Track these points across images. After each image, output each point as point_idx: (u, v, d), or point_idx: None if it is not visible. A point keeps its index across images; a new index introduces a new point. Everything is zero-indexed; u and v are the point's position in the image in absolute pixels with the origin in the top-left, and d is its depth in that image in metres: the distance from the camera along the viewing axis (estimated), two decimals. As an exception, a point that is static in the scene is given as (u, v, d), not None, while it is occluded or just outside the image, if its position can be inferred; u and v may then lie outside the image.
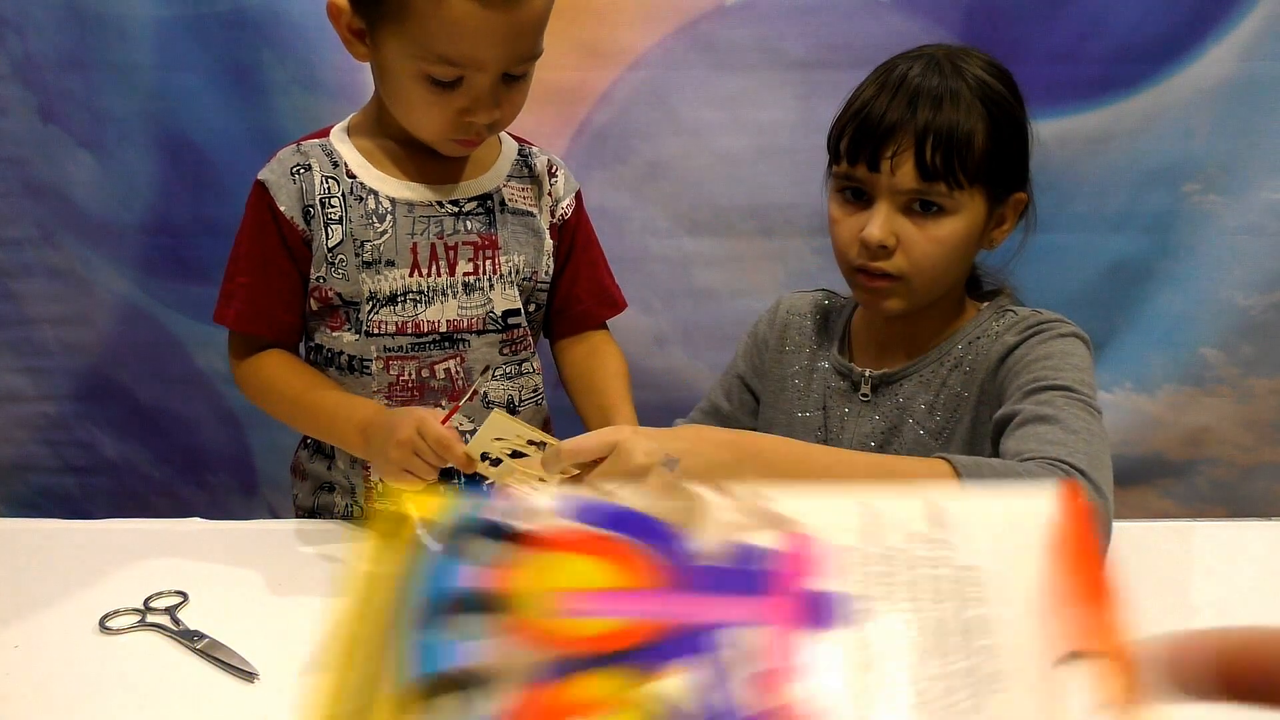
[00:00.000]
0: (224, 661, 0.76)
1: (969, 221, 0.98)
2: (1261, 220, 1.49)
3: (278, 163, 1.03)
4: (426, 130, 0.99)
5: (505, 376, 1.08)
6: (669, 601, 0.40)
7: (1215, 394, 1.56)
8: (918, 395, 1.04)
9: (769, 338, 1.19)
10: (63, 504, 1.78)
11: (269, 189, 1.01)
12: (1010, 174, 1.00)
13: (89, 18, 1.51)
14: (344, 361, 1.04)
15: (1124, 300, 1.53)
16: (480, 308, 1.05)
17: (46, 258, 1.65)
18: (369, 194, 1.02)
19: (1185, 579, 0.85)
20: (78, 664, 0.77)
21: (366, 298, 1.02)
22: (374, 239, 1.01)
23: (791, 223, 1.57)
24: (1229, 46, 1.44)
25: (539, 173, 1.11)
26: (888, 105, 0.97)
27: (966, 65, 0.98)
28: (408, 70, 0.93)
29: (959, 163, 0.95)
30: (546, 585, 0.40)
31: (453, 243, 1.03)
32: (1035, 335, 0.98)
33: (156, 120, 1.56)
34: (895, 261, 0.98)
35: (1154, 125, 1.48)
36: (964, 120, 0.95)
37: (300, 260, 1.02)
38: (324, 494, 1.10)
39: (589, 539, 0.42)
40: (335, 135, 1.05)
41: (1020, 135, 1.01)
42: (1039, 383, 0.92)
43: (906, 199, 0.97)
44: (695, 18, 1.50)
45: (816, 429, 1.10)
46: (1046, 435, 0.85)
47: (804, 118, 1.51)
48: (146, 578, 0.89)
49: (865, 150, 0.98)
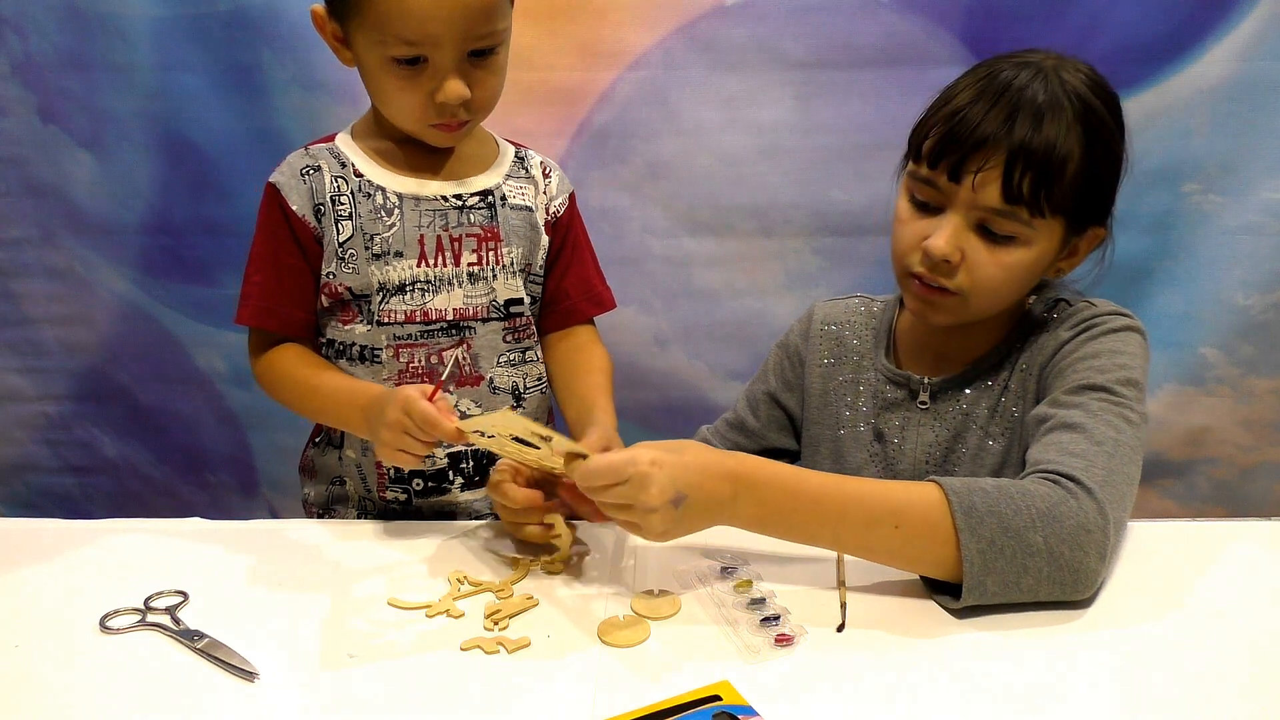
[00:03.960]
0: (224, 661, 0.76)
1: (1041, 251, 0.94)
2: (1261, 220, 1.49)
3: (287, 165, 1.07)
4: (406, 118, 1.02)
5: (509, 363, 1.11)
6: None
7: (1215, 394, 1.56)
8: (980, 400, 1.02)
9: (804, 351, 1.15)
10: (63, 504, 1.78)
11: (280, 190, 1.05)
12: (1096, 209, 0.96)
13: (89, 18, 1.51)
14: (355, 352, 1.07)
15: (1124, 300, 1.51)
16: (485, 296, 1.08)
17: (46, 258, 1.65)
18: (376, 190, 1.06)
19: (1185, 579, 0.85)
20: (78, 663, 0.77)
21: (377, 289, 1.05)
22: (383, 231, 1.05)
23: (791, 223, 1.57)
24: (1229, 46, 1.44)
25: (534, 172, 1.15)
26: (984, 115, 0.90)
27: (1072, 78, 0.92)
28: (376, 59, 0.98)
29: (1045, 191, 0.90)
30: None
31: (457, 234, 1.07)
32: (1088, 330, 0.96)
33: (156, 120, 1.56)
34: (956, 279, 0.94)
35: (1154, 125, 1.48)
36: (1061, 143, 0.89)
37: (312, 257, 1.06)
38: (336, 487, 1.12)
39: None
40: (340, 139, 1.10)
41: (1115, 168, 0.95)
42: (1080, 382, 0.90)
43: (982, 217, 0.92)
44: (695, 18, 1.50)
45: (870, 443, 1.07)
46: (1069, 445, 0.84)
47: (804, 118, 1.51)
48: (146, 578, 0.89)
49: (951, 158, 0.92)
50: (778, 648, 0.76)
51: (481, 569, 0.90)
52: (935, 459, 1.04)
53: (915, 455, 1.04)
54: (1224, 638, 0.76)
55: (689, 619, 0.81)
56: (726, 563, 0.88)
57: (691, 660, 0.75)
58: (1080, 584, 0.79)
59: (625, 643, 0.78)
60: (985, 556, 0.77)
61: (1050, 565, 0.78)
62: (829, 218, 1.55)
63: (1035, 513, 0.78)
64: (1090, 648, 0.75)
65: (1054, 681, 0.72)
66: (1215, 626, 0.78)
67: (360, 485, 1.10)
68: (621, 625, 0.80)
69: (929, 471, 1.04)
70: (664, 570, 0.89)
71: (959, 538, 0.77)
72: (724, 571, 0.87)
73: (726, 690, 0.70)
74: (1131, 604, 0.81)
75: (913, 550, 0.81)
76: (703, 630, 0.80)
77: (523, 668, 0.75)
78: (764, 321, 1.60)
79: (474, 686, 0.73)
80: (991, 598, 0.78)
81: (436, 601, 0.84)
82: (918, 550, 0.81)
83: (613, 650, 0.77)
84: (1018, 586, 0.78)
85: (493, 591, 0.86)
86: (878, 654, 0.75)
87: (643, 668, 0.75)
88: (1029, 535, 0.77)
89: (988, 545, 0.77)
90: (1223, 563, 0.88)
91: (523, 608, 0.83)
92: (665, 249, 1.60)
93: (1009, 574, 0.77)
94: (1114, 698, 0.70)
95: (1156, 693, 0.70)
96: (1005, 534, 0.77)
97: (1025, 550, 0.77)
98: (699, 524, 0.81)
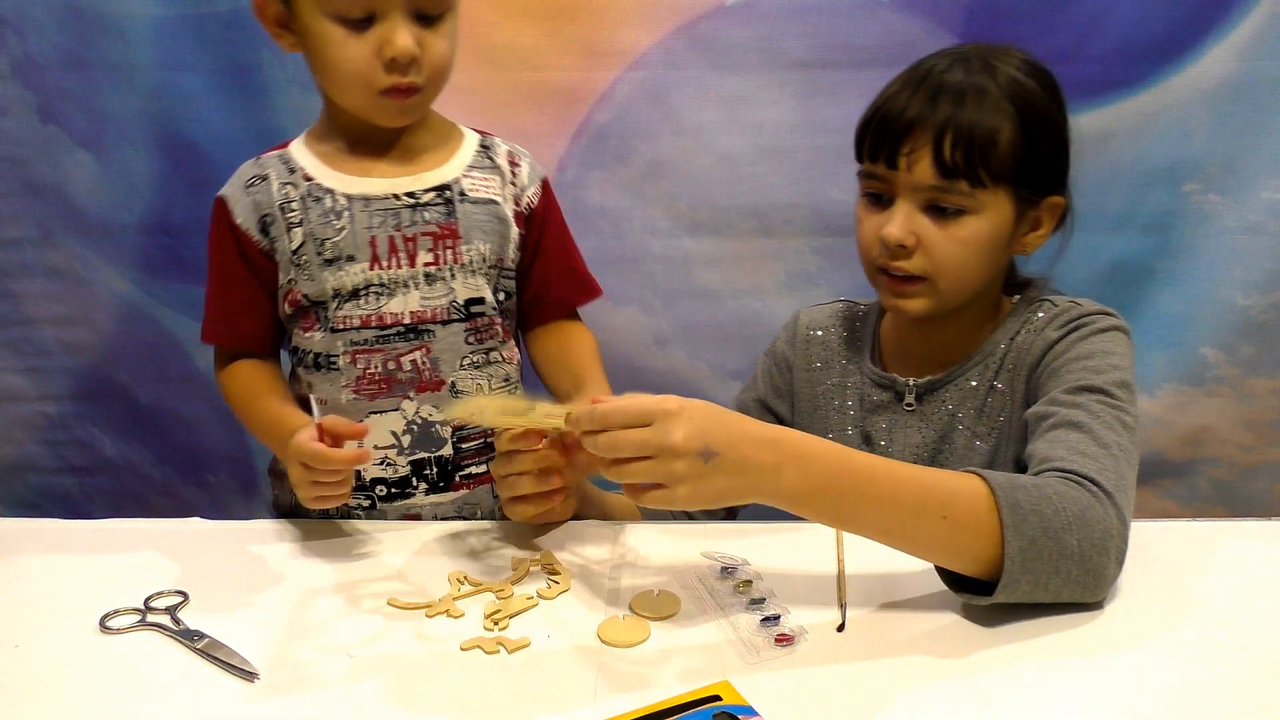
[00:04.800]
0: (224, 661, 0.76)
1: (993, 223, 0.96)
2: (1261, 220, 1.49)
3: (236, 177, 1.07)
4: (354, 84, 0.99)
5: (473, 365, 1.08)
6: None
7: (1215, 394, 1.56)
8: (965, 401, 1.02)
9: (791, 357, 1.16)
10: (63, 504, 1.78)
11: (227, 203, 1.05)
12: (1043, 176, 0.97)
13: (89, 18, 1.51)
14: (312, 360, 1.06)
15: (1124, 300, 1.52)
16: (443, 298, 1.05)
17: (46, 258, 1.65)
18: (325, 193, 1.04)
19: (1186, 579, 0.85)
20: (77, 664, 0.77)
21: (331, 295, 1.03)
22: (333, 236, 1.03)
23: (791, 223, 1.57)
24: (1229, 46, 1.44)
25: (500, 163, 1.11)
26: (908, 101, 0.95)
27: (1001, 63, 0.96)
28: (320, 20, 0.96)
29: (980, 160, 0.93)
30: None
31: (411, 234, 1.04)
32: (1076, 330, 0.96)
33: (156, 120, 1.56)
34: (916, 261, 0.96)
35: (1154, 125, 1.48)
36: (988, 118, 0.93)
37: (260, 270, 1.05)
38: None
39: None
40: (294, 146, 1.08)
41: (1055, 137, 0.97)
42: (1077, 383, 0.90)
43: (927, 197, 0.95)
44: (695, 18, 1.50)
45: (857, 445, 1.07)
46: (1077, 445, 0.84)
47: (804, 118, 1.51)
48: (146, 578, 0.89)
49: (885, 146, 0.96)
50: (778, 648, 0.76)
51: (482, 569, 0.90)
52: (922, 460, 1.04)
53: (903, 457, 1.05)
54: (1224, 637, 0.76)
55: (689, 619, 0.81)
56: (726, 563, 0.88)
57: (691, 660, 0.75)
58: (1100, 588, 0.78)
59: (625, 643, 0.78)
60: (1025, 556, 0.75)
61: (1079, 569, 0.77)
62: (829, 218, 1.54)
63: (1071, 516, 0.76)
64: (1090, 647, 0.75)
65: (1055, 681, 0.72)
66: (1215, 626, 0.78)
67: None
68: (621, 625, 0.80)
69: None
70: (664, 570, 0.89)
71: (1003, 534, 0.75)
72: (724, 572, 0.87)
73: (727, 690, 0.70)
74: (1132, 604, 0.81)
75: (956, 544, 0.77)
76: (703, 630, 0.80)
77: (523, 668, 0.76)
78: (764, 321, 1.60)
79: (474, 687, 0.73)
80: (1020, 597, 0.77)
81: (436, 601, 0.84)
82: (961, 544, 0.77)
83: (613, 650, 0.77)
84: (1046, 588, 0.77)
85: (493, 591, 0.86)
86: (878, 654, 0.75)
87: (643, 668, 0.75)
88: (1065, 537, 0.76)
89: (1028, 544, 0.75)
90: (1223, 563, 0.88)
91: (523, 608, 0.83)
92: (665, 249, 1.60)
93: (1042, 575, 0.76)
94: (1114, 696, 0.70)
95: (1157, 692, 0.70)
96: (1045, 535, 0.76)
97: (1060, 552, 0.76)
98: (730, 489, 0.74)
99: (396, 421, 1.06)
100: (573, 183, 1.55)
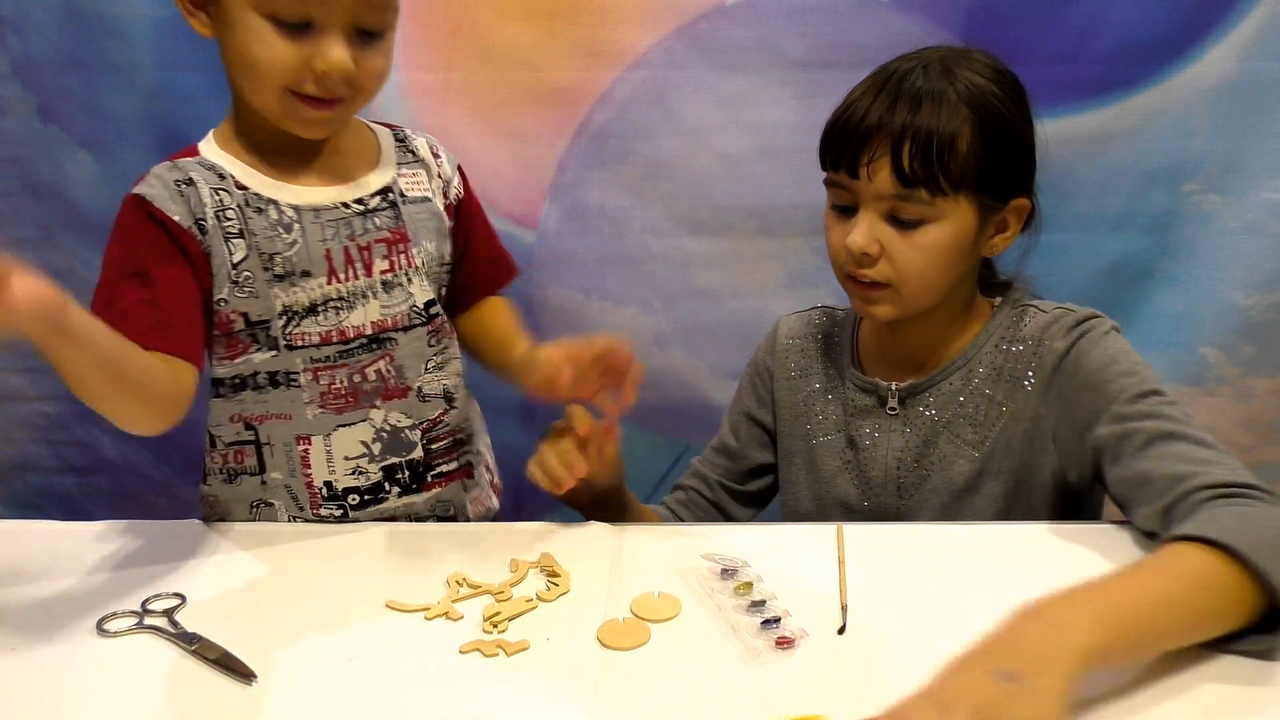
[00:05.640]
0: (222, 664, 0.76)
1: (955, 229, 0.96)
2: (1261, 220, 1.49)
3: (155, 178, 0.96)
4: (270, 88, 0.92)
5: (436, 367, 1.07)
6: None
7: (1215, 394, 1.56)
8: (949, 405, 1.03)
9: (772, 366, 1.17)
10: (63, 504, 1.78)
11: (153, 202, 0.94)
12: (1004, 181, 0.97)
13: (89, 18, 1.51)
14: (263, 380, 1.00)
15: (1124, 300, 1.53)
16: (403, 304, 1.03)
17: (46, 258, 1.65)
18: (268, 204, 0.97)
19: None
20: (74, 667, 0.77)
21: (280, 312, 0.98)
22: (284, 250, 0.97)
23: (791, 223, 1.57)
24: (1229, 46, 1.44)
25: (424, 156, 1.09)
26: (867, 109, 0.95)
27: (960, 69, 0.96)
28: (250, 13, 0.89)
29: (939, 167, 0.92)
30: None
31: (365, 243, 1.00)
32: (1083, 337, 0.97)
33: (156, 120, 1.56)
34: (881, 269, 0.97)
35: (1154, 125, 1.48)
36: (945, 124, 0.92)
37: (201, 275, 0.96)
38: (260, 510, 1.05)
39: None
40: (206, 150, 1.00)
41: (1016, 142, 0.97)
42: (1134, 391, 0.91)
43: (888, 206, 0.95)
44: (695, 18, 1.50)
45: (842, 449, 1.08)
46: (1194, 455, 0.84)
47: (804, 118, 1.51)
48: (145, 579, 0.88)
49: (846, 156, 0.96)
50: (778, 650, 0.76)
51: (480, 571, 0.90)
52: (907, 464, 1.04)
53: (887, 461, 1.05)
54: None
55: (689, 622, 0.81)
56: (727, 565, 0.88)
57: (692, 663, 0.75)
58: None
59: (625, 645, 0.78)
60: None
61: None
62: (829, 218, 1.54)
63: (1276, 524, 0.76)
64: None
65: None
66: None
67: (292, 505, 1.04)
68: (621, 628, 0.80)
69: (902, 477, 1.04)
70: (664, 573, 0.89)
71: (1261, 575, 0.71)
72: (724, 574, 0.87)
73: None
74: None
75: (1227, 613, 0.72)
76: (703, 633, 0.80)
77: (522, 670, 0.75)
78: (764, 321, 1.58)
79: (472, 689, 0.73)
80: None
81: (435, 604, 0.84)
82: (1230, 611, 0.72)
83: (612, 653, 0.77)
84: None
85: (492, 594, 0.86)
86: (879, 656, 0.75)
87: (643, 671, 0.75)
88: None
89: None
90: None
91: (522, 610, 0.83)
92: (665, 249, 1.60)
93: None
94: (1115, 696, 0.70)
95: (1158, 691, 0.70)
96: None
97: None
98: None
99: (366, 431, 1.04)
100: (573, 183, 1.55)
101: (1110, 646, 0.66)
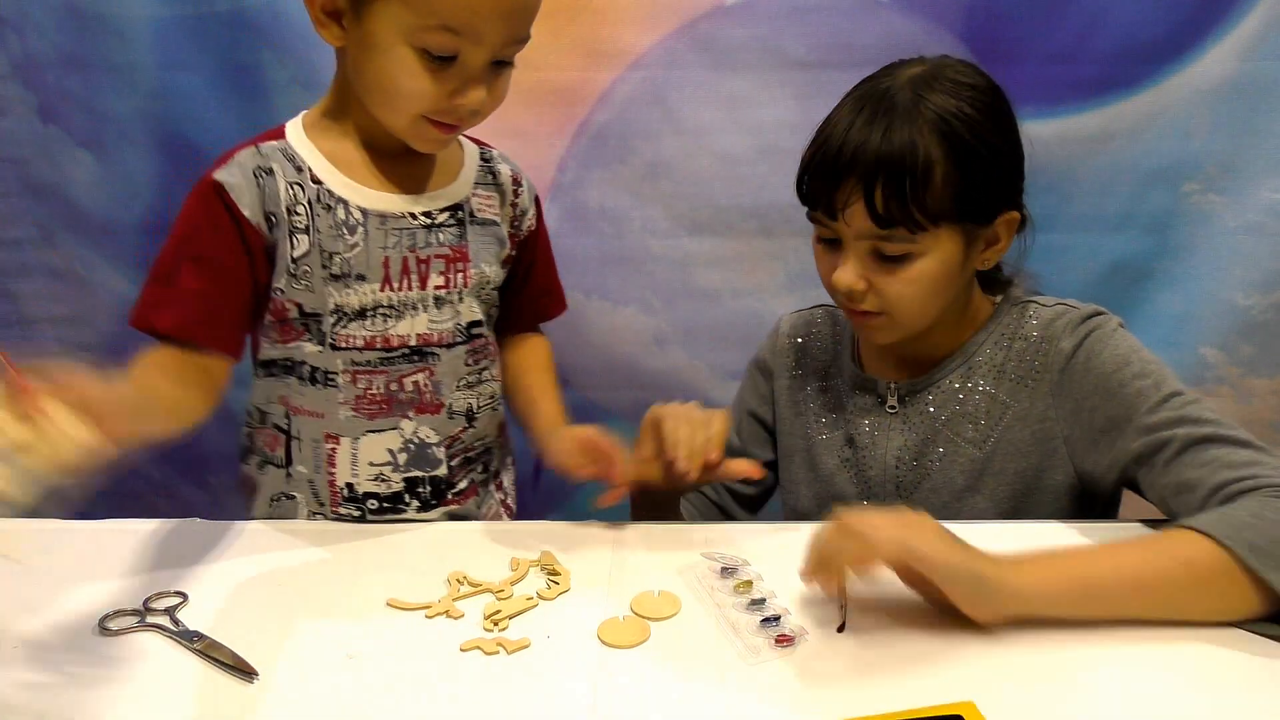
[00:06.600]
0: (223, 662, 0.76)
1: (941, 259, 0.94)
2: (1261, 220, 1.49)
3: (237, 165, 0.97)
4: (407, 113, 0.93)
5: (466, 386, 1.07)
6: None
7: (1215, 394, 1.56)
8: (948, 403, 1.02)
9: (773, 365, 1.17)
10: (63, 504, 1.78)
11: (229, 190, 0.95)
12: (987, 202, 0.95)
13: (89, 18, 1.51)
14: (306, 373, 1.02)
15: (1124, 300, 1.53)
16: (450, 321, 1.04)
17: (46, 258, 1.65)
18: (338, 203, 0.98)
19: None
20: (77, 665, 0.77)
21: (331, 310, 0.99)
22: (344, 251, 0.98)
23: (791, 223, 1.56)
24: (1229, 46, 1.44)
25: (503, 182, 1.09)
26: (839, 146, 0.92)
27: (930, 93, 0.92)
28: (400, 44, 0.89)
29: (916, 206, 0.90)
30: None
31: (424, 256, 1.01)
32: (1089, 336, 0.96)
33: (156, 120, 1.56)
34: (872, 301, 0.96)
35: (1154, 125, 1.48)
36: (917, 160, 0.89)
37: (259, 270, 0.98)
38: (281, 504, 1.09)
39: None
40: (292, 134, 1.00)
41: (993, 162, 0.93)
42: (1147, 398, 0.91)
43: (870, 245, 0.94)
44: (695, 18, 1.50)
45: (841, 447, 1.08)
46: (1233, 459, 0.84)
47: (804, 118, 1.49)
48: (146, 578, 0.89)
49: (822, 196, 0.95)
50: (778, 648, 0.76)
51: (481, 569, 0.90)
52: (906, 463, 1.04)
53: (886, 460, 1.05)
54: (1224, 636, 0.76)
55: (689, 620, 0.81)
56: (727, 563, 0.88)
57: (692, 661, 0.75)
58: None
59: (625, 643, 0.78)
60: None
61: None
62: (829, 218, 1.54)
63: None
64: (1090, 646, 0.75)
65: (1057, 681, 0.72)
66: (1214, 625, 0.78)
67: (313, 500, 1.06)
68: (621, 626, 0.80)
69: (901, 476, 1.04)
70: (664, 571, 0.89)
71: (1263, 583, 0.74)
72: (724, 572, 0.87)
73: (970, 711, 0.68)
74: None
75: (1209, 604, 0.76)
76: (703, 631, 0.80)
77: (522, 669, 0.76)
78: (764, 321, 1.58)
79: (473, 687, 0.73)
80: None
81: (436, 602, 0.84)
82: (1218, 603, 0.76)
83: (612, 651, 0.77)
84: None
85: (492, 592, 0.86)
86: (878, 654, 0.75)
87: (642, 669, 0.75)
88: None
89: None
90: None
91: (522, 608, 0.83)
92: (665, 249, 1.60)
93: None
94: (1115, 696, 0.70)
95: (1157, 691, 0.70)
96: None
97: None
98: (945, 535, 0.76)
99: (394, 440, 1.04)
100: (573, 183, 1.55)
101: (1054, 586, 0.76)
